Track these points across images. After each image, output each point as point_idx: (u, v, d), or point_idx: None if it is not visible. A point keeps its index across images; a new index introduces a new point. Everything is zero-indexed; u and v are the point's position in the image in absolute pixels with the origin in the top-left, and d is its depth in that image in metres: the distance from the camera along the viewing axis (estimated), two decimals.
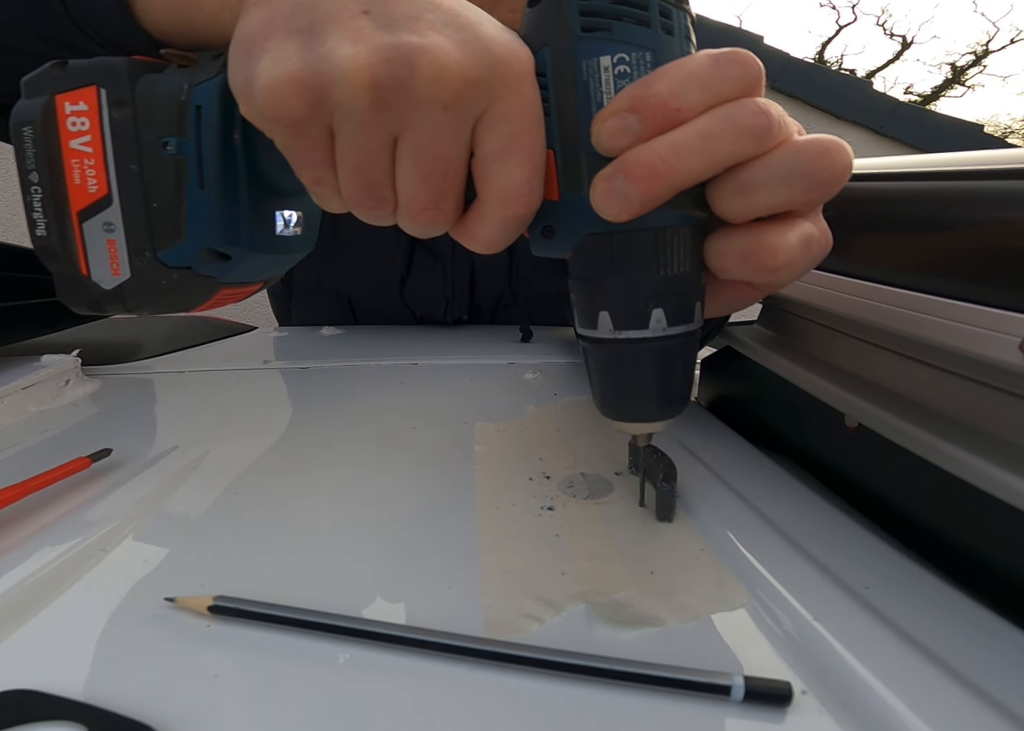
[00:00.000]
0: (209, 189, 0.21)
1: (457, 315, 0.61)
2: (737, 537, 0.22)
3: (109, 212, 0.22)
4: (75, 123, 0.21)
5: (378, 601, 0.19)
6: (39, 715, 0.14)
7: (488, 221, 0.20)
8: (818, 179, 0.18)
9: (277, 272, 0.27)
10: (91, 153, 0.21)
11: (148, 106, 0.21)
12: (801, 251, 0.19)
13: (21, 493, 0.23)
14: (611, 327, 0.20)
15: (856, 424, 0.26)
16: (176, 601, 0.18)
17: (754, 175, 0.18)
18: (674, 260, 0.19)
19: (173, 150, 0.21)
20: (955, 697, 0.15)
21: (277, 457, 0.29)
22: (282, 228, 0.24)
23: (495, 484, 0.26)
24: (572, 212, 0.19)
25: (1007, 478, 0.18)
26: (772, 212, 0.19)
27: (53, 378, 0.37)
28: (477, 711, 0.15)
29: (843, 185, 0.18)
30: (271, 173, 0.22)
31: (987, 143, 2.09)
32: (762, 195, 0.18)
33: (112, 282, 0.23)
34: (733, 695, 0.15)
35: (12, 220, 1.92)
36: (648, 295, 0.19)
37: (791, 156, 0.18)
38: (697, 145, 0.17)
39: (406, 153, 0.18)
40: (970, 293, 0.20)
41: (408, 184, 0.19)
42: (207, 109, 0.21)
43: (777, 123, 0.18)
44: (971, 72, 9.26)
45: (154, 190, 0.21)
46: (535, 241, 0.21)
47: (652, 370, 0.20)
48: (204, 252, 0.22)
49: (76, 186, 0.22)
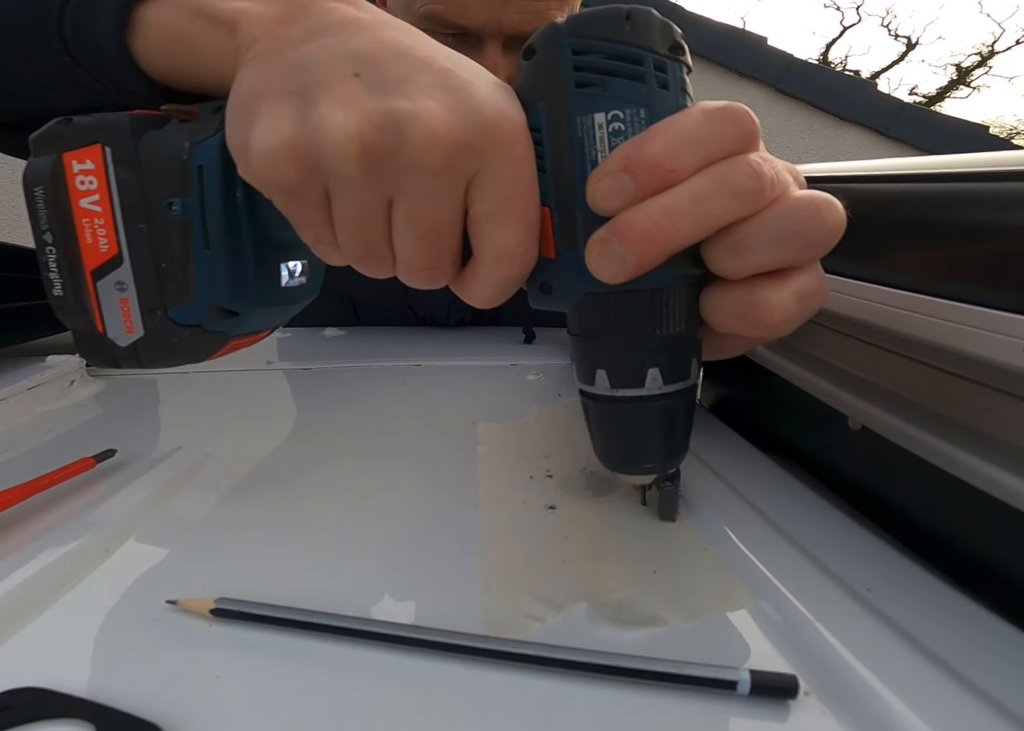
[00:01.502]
0: (215, 249, 0.21)
1: (460, 317, 0.61)
2: (739, 537, 0.22)
3: (121, 271, 0.22)
4: (83, 182, 0.21)
5: (379, 601, 0.19)
6: (48, 713, 0.14)
7: (484, 279, 0.20)
8: (810, 238, 0.18)
9: (283, 320, 0.27)
10: (100, 212, 0.21)
11: (152, 165, 0.21)
12: (798, 306, 0.19)
13: (26, 493, 0.23)
14: (608, 385, 0.20)
15: (859, 426, 0.25)
16: (178, 604, 0.18)
17: (746, 236, 0.18)
18: (670, 320, 0.19)
19: (178, 211, 0.21)
20: (958, 699, 0.15)
21: (280, 458, 0.29)
22: (287, 280, 0.25)
23: (497, 483, 0.26)
24: (569, 270, 0.19)
25: (1011, 481, 0.18)
26: (767, 270, 0.19)
27: (58, 379, 0.37)
28: (480, 710, 0.15)
29: (835, 242, 0.18)
30: (274, 229, 0.22)
31: (992, 144, 2.08)
32: (755, 255, 0.18)
33: (127, 340, 0.23)
34: (739, 689, 0.15)
35: (17, 221, 1.93)
36: (644, 355, 0.19)
37: (782, 217, 0.18)
38: (689, 209, 0.17)
39: (401, 216, 0.19)
40: (976, 295, 0.19)
41: (404, 245, 0.19)
42: (208, 169, 0.20)
43: (769, 183, 0.17)
44: (976, 73, 9.24)
45: (162, 250, 0.21)
46: (533, 295, 0.21)
47: (650, 427, 0.21)
48: (213, 310, 0.22)
49: (88, 245, 0.22)
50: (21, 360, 0.39)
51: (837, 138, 2.02)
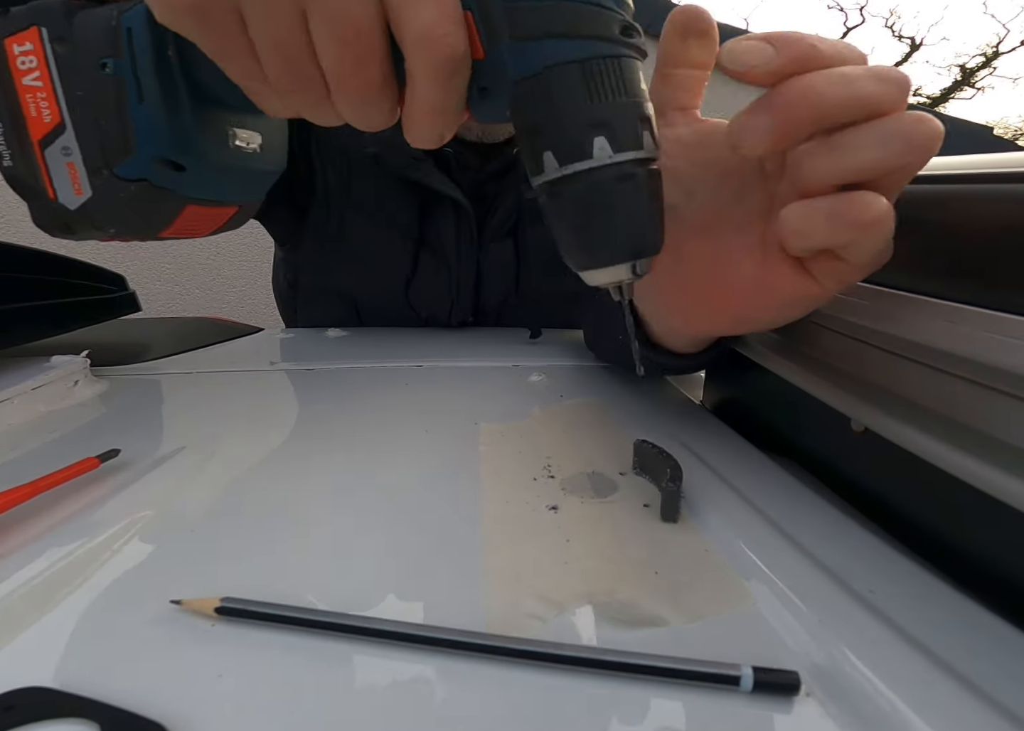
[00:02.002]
0: (149, 102, 0.23)
1: (462, 317, 0.61)
2: (741, 539, 0.22)
3: (65, 137, 0.24)
4: (24, 62, 0.23)
5: (382, 601, 0.19)
6: (53, 712, 0.14)
7: (420, 82, 0.19)
8: (914, 143, 0.18)
9: (247, 193, 0.29)
10: (41, 87, 0.24)
11: (84, 37, 0.23)
12: (890, 214, 0.18)
13: (31, 493, 0.23)
14: (556, 165, 0.19)
15: (862, 428, 0.25)
16: (183, 604, 0.18)
17: (852, 136, 0.18)
18: (606, 88, 0.19)
19: (111, 70, 0.23)
20: (958, 699, 0.15)
21: (283, 458, 0.29)
22: (237, 143, 0.26)
23: (499, 484, 0.26)
24: (498, 65, 0.19)
25: (1012, 483, 0.17)
26: (862, 178, 0.18)
27: (62, 379, 0.37)
28: (485, 707, 0.15)
29: (934, 153, 0.18)
30: (211, 87, 0.23)
31: (997, 145, 2.08)
32: (855, 154, 0.18)
33: (76, 202, 0.25)
34: (742, 685, 0.15)
35: (20, 221, 1.94)
36: (586, 126, 0.19)
37: (890, 121, 0.18)
38: (840, 82, 0.18)
39: (317, 22, 0.18)
40: (979, 297, 0.19)
41: (328, 54, 0.19)
42: (137, 30, 0.22)
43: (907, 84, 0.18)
44: (981, 74, 9.22)
45: (100, 110, 0.23)
46: (475, 107, 0.21)
47: (608, 203, 0.19)
48: (157, 162, 0.24)
49: (33, 118, 0.24)
50: (25, 360, 0.39)
51: None
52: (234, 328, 0.59)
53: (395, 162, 0.54)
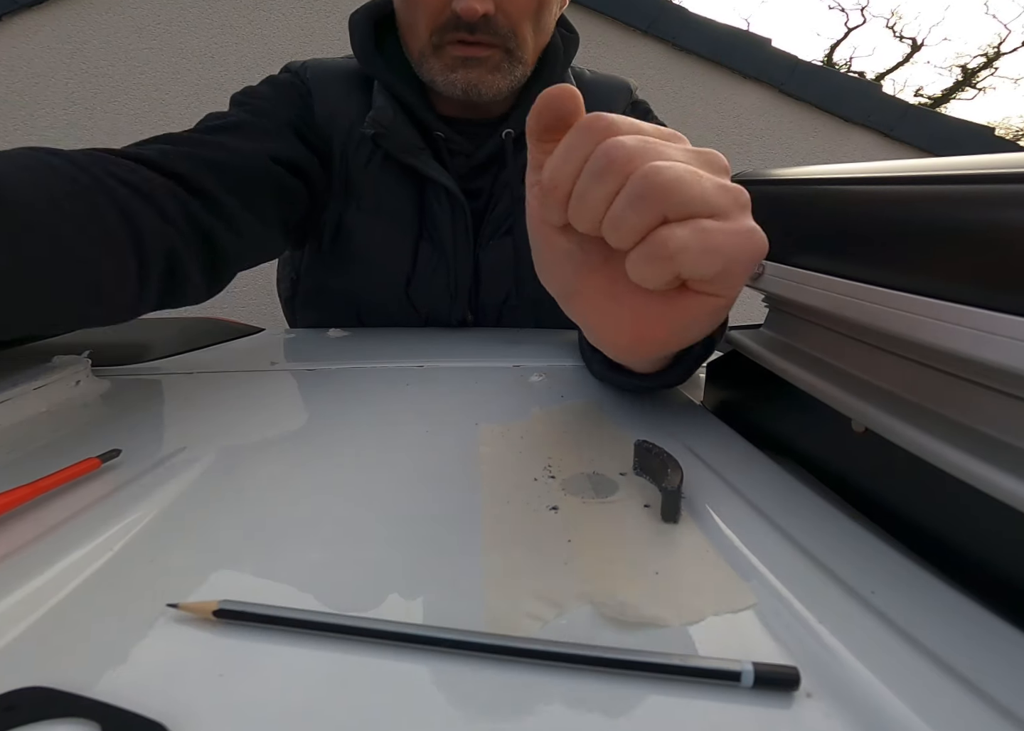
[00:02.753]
0: None
1: (462, 315, 0.61)
2: (742, 539, 0.22)
3: None
4: None
5: (382, 602, 0.19)
6: (54, 712, 0.14)
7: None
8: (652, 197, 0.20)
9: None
10: None
11: None
12: (696, 238, 0.20)
13: (31, 493, 0.23)
14: None
15: (863, 429, 0.25)
16: (180, 606, 0.18)
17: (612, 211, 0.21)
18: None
19: None
20: (958, 699, 0.15)
21: (284, 458, 0.29)
22: None
23: (500, 484, 0.26)
24: None
25: (1013, 483, 0.17)
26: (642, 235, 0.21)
27: (64, 379, 0.37)
28: (484, 706, 0.15)
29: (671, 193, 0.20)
30: None
31: (998, 146, 2.07)
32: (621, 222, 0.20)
33: None
34: (743, 681, 0.15)
35: None
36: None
37: (632, 184, 0.20)
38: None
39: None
40: (980, 298, 0.19)
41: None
42: None
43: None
44: (982, 74, 9.21)
45: None
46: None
47: None
48: None
49: None
50: (27, 360, 0.39)
51: (842, 140, 2.01)
52: (235, 328, 0.59)
53: (394, 144, 0.55)
